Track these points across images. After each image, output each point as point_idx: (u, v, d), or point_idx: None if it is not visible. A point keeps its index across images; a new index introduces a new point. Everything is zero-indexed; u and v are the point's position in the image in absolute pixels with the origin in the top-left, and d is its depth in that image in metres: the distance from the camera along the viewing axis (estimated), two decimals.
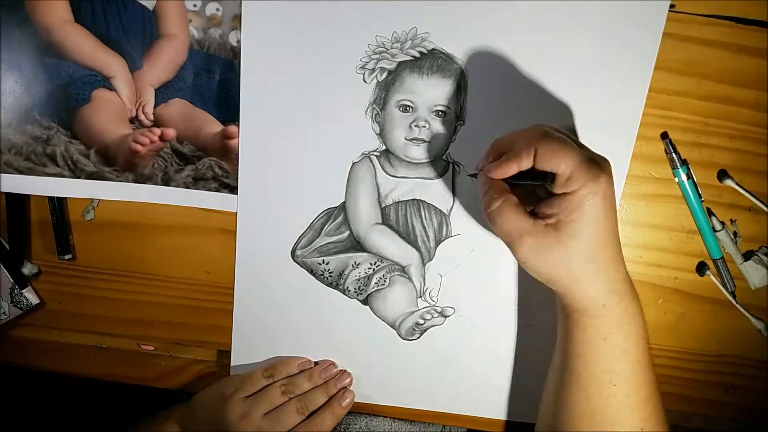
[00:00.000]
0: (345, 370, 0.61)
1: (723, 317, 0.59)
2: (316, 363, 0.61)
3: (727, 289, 0.58)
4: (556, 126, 0.47)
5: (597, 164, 0.43)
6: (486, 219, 0.47)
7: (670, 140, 0.55)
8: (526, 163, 0.45)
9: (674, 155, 0.55)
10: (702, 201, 0.56)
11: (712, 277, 0.58)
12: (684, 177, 0.55)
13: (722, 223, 0.57)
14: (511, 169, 0.45)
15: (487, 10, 0.53)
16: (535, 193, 0.48)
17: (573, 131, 0.55)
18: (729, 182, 0.56)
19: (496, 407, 0.62)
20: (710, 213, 0.57)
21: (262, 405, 0.57)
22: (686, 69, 0.54)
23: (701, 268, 0.58)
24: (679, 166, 0.55)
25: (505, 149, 0.47)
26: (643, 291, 0.59)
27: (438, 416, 0.63)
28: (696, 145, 0.56)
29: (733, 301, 0.58)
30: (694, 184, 0.55)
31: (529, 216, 0.45)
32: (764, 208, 0.56)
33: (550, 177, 0.44)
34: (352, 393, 0.60)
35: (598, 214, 0.43)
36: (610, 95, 0.54)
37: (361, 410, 0.63)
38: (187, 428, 0.59)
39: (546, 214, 0.44)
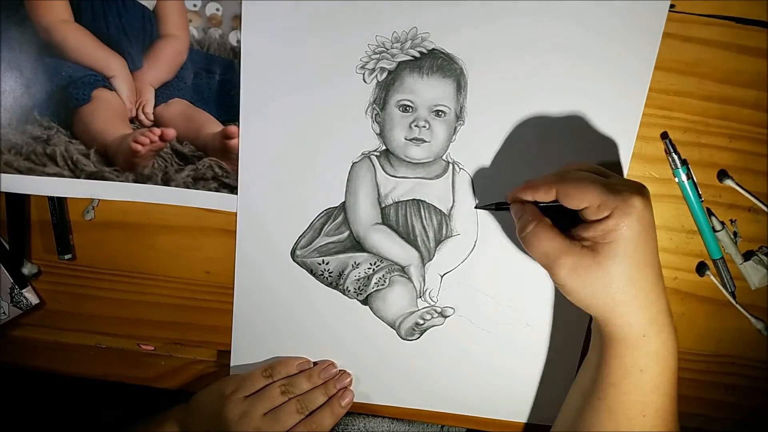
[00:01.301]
0: (344, 370, 0.61)
1: (723, 317, 0.59)
2: (315, 363, 0.61)
3: (727, 290, 0.58)
4: (587, 163, 0.49)
5: (626, 188, 0.43)
6: (521, 242, 0.48)
7: (670, 140, 0.55)
8: (542, 196, 0.47)
9: (674, 155, 0.55)
10: (702, 201, 0.56)
11: (712, 278, 0.58)
12: (684, 177, 0.55)
13: (722, 223, 0.57)
14: (527, 194, 0.48)
15: (487, 10, 0.53)
16: (573, 219, 0.47)
17: (616, 165, 0.55)
18: (729, 182, 0.56)
19: (495, 407, 0.62)
20: (710, 213, 0.57)
21: (261, 405, 0.57)
22: (686, 69, 0.54)
23: (701, 268, 0.58)
24: (679, 167, 0.55)
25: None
26: None
27: (437, 416, 0.63)
28: (696, 145, 0.56)
29: (733, 302, 0.58)
30: (694, 185, 0.55)
31: (566, 238, 0.45)
32: (764, 208, 0.56)
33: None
34: (352, 393, 0.60)
35: (635, 236, 0.43)
36: (610, 95, 0.54)
37: (360, 410, 0.63)
38: (186, 428, 0.59)
39: (582, 237, 0.45)
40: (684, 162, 0.55)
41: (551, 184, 0.46)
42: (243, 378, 0.59)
